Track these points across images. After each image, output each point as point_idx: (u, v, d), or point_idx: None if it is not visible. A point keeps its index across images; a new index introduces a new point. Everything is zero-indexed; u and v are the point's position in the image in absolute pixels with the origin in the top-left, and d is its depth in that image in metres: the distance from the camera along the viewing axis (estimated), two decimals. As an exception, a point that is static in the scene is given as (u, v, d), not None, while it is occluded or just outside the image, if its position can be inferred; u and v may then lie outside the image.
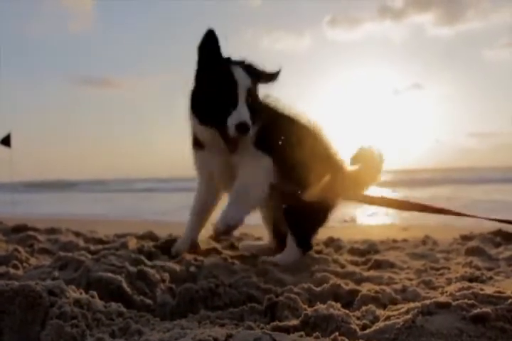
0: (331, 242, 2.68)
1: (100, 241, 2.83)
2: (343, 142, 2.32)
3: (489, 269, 1.88)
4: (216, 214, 2.01)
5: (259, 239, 2.87)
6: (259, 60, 1.97)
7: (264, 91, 2.00)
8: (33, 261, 2.13)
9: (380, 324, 1.08)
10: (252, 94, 1.86)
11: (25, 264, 2.00)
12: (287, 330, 1.11)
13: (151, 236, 2.94)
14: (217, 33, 1.84)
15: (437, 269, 1.92)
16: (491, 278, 1.64)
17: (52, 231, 3.25)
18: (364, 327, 1.11)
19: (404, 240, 2.98)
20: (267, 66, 1.99)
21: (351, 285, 1.53)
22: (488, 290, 1.22)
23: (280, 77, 2.03)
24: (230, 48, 1.91)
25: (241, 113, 1.77)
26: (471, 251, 2.28)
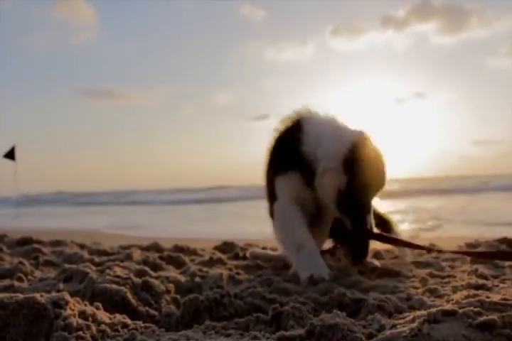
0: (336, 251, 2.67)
1: (105, 253, 2.84)
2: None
3: (495, 277, 1.87)
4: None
5: (264, 248, 2.87)
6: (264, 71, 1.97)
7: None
8: (37, 273, 2.13)
9: (386, 332, 1.07)
10: None
11: (30, 277, 2.01)
12: (293, 340, 1.11)
13: (155, 247, 2.95)
14: (221, 46, 1.85)
15: (443, 277, 1.91)
16: (496, 285, 1.63)
17: (56, 243, 3.27)
18: (370, 336, 1.10)
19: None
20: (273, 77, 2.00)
21: (356, 294, 1.53)
22: (494, 297, 1.21)
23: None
24: (235, 61, 1.93)
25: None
26: (477, 259, 2.27)
